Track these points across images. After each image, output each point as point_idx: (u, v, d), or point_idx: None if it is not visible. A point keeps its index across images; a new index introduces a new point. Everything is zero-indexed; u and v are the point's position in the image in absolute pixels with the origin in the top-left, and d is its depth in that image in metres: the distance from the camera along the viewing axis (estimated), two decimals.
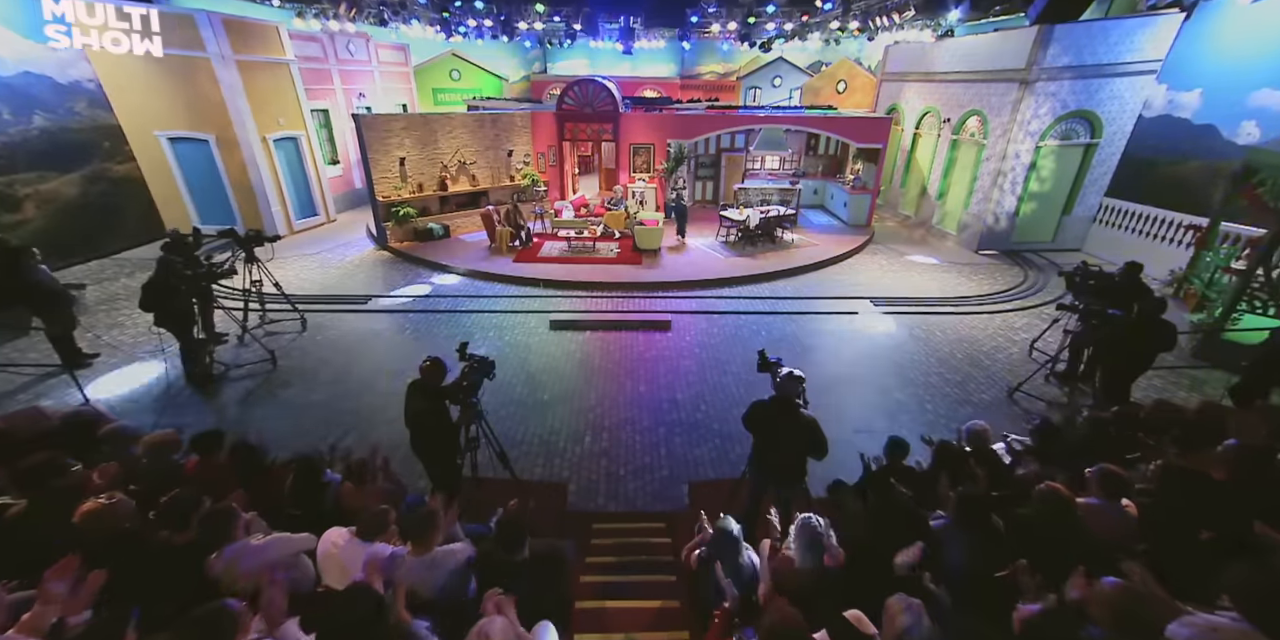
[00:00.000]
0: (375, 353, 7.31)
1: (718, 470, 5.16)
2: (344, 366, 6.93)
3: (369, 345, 7.50)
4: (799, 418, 3.70)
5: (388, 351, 7.35)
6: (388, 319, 8.40)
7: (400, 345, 7.55)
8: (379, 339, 7.70)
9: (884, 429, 5.72)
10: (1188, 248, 9.91)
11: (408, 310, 8.67)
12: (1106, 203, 11.46)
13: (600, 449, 5.46)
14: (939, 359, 7.29)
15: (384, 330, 7.98)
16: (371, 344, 7.54)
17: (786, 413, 3.73)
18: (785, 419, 3.73)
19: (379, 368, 6.89)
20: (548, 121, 13.59)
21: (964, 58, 11.89)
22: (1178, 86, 10.18)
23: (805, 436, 3.67)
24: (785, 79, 20.23)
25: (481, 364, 4.07)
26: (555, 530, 4.30)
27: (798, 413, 3.72)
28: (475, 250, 11.39)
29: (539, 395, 6.37)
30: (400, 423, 4.13)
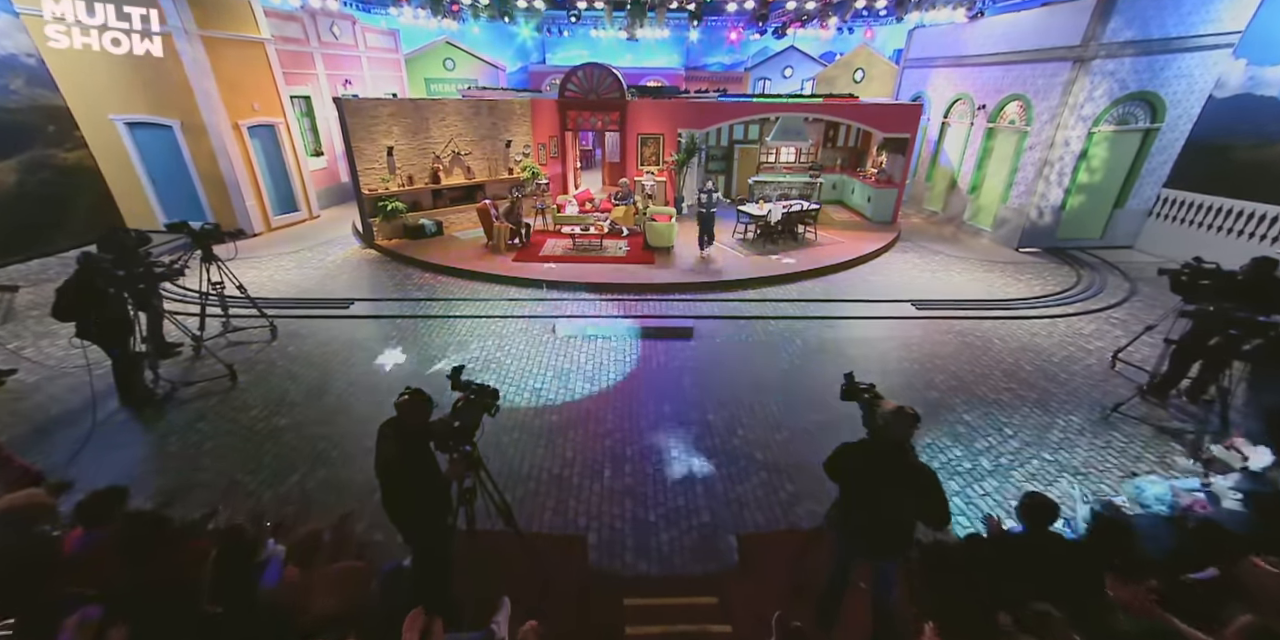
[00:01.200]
0: (355, 367, 6.27)
1: (767, 514, 4.15)
2: (318, 383, 5.89)
3: (349, 357, 6.46)
4: (911, 470, 2.69)
5: (370, 365, 6.31)
6: (372, 326, 7.36)
7: (386, 357, 6.51)
8: (361, 350, 6.65)
9: (961, 462, 4.74)
10: (1273, 242, 8.96)
11: (395, 316, 7.63)
12: (1165, 194, 10.50)
13: (623, 486, 4.44)
14: (1005, 371, 6.30)
15: (367, 339, 6.94)
16: (352, 356, 6.50)
17: (892, 462, 2.71)
18: (889, 470, 2.71)
19: (359, 385, 5.86)
20: (549, 110, 12.57)
21: (1003, 38, 10.93)
22: (1261, 61, 9.19)
23: (918, 496, 2.66)
24: (797, 69, 19.28)
25: (480, 395, 3.06)
26: (577, 612, 3.30)
27: (909, 462, 2.71)
28: (470, 248, 10.36)
29: (547, 417, 5.35)
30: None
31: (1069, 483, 4.41)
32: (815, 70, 18.78)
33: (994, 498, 4.31)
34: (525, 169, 12.46)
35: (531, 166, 12.47)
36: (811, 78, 18.48)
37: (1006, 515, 3.90)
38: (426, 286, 8.73)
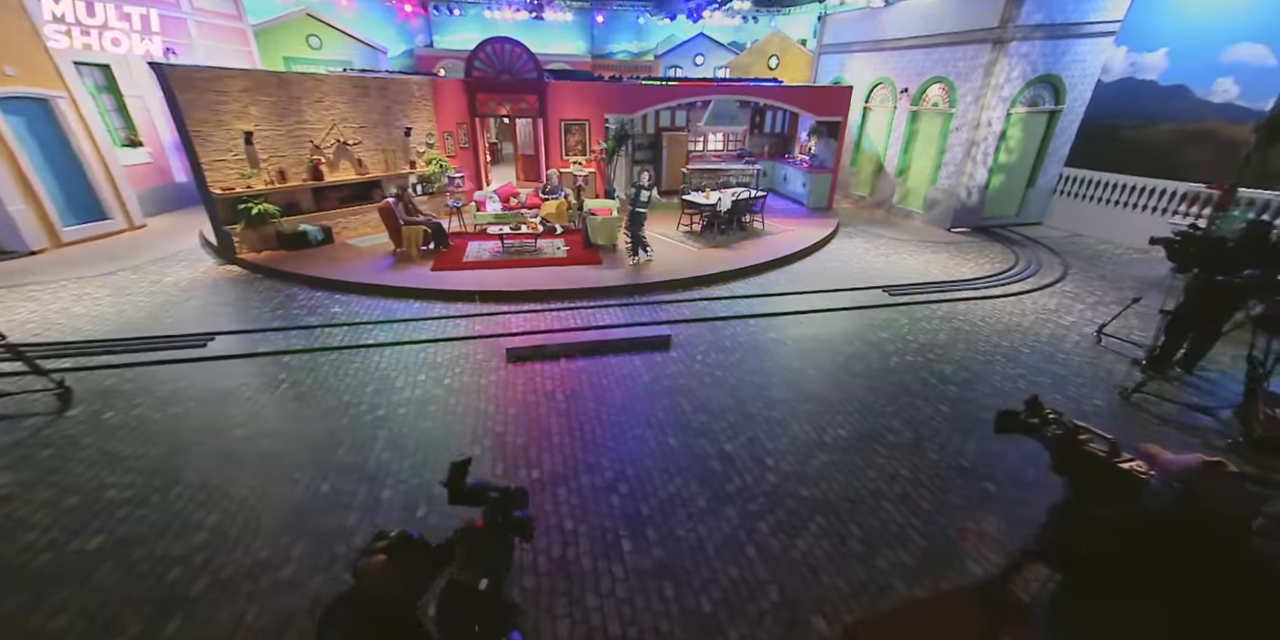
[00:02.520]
0: (223, 434, 4.45)
1: (848, 577, 3.20)
2: (156, 468, 4.03)
3: (211, 421, 4.61)
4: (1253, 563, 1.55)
5: (251, 430, 4.54)
6: (248, 369, 5.48)
7: (273, 418, 4.76)
8: (231, 406, 4.82)
9: (1022, 468, 4.13)
10: (1164, 213, 9.73)
11: (281, 351, 5.78)
12: (1066, 172, 11.19)
13: (654, 562, 3.30)
14: (1005, 356, 5.97)
15: (240, 389, 5.09)
16: (217, 417, 4.65)
17: (1208, 545, 1.56)
18: (1206, 558, 1.56)
19: (234, 465, 4.12)
20: (454, 92, 10.87)
21: (920, 22, 11.04)
22: (1139, 48, 9.94)
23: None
24: (708, 56, 18.89)
25: (506, 505, 1.81)
26: None
27: (1242, 548, 1.54)
28: (375, 258, 8.52)
29: (524, 475, 4.05)
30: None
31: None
32: (727, 57, 18.51)
33: None
34: (430, 161, 10.69)
35: (438, 159, 10.73)
36: (725, 65, 18.16)
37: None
38: (320, 309, 6.87)
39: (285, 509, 3.64)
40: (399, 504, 3.72)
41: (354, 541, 3.37)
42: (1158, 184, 9.81)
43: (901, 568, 3.25)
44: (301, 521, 3.55)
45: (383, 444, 4.33)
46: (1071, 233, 11.06)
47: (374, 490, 3.84)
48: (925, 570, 3.24)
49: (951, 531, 3.54)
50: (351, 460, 4.14)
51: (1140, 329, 6.31)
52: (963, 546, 3.43)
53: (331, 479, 3.93)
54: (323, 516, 3.60)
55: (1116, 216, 10.44)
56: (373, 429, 4.52)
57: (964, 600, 2.84)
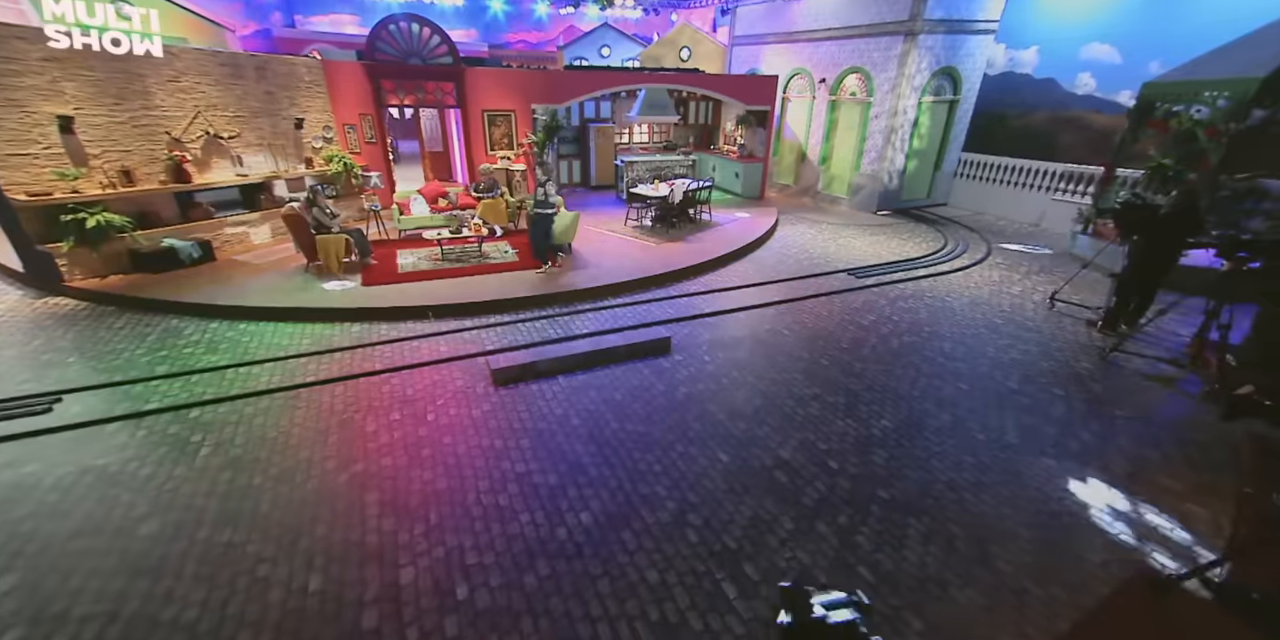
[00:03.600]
0: (125, 537, 3.21)
1: (978, 585, 2.93)
2: (32, 623, 2.80)
3: (95, 517, 3.31)
4: None
5: (163, 526, 3.33)
6: (130, 434, 4.09)
7: (199, 496, 3.55)
8: (124, 489, 3.52)
9: (1058, 439, 4.22)
10: (1047, 191, 10.95)
11: (183, 405, 4.42)
12: (964, 156, 12.26)
13: (770, 607, 2.81)
14: (986, 328, 6.22)
15: (127, 465, 3.74)
16: (102, 511, 3.36)
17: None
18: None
19: (161, 580, 2.97)
20: (353, 78, 9.40)
21: (833, 14, 11.44)
22: (1015, 45, 11.08)
23: None
24: (615, 48, 18.33)
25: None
26: None
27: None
28: (282, 275, 7.05)
29: (572, 518, 3.34)
30: None
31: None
32: (634, 49, 18.12)
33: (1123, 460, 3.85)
34: (332, 159, 9.18)
35: (341, 156, 9.24)
36: (634, 57, 17.77)
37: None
38: (224, 344, 5.45)
39: (269, 629, 2.64)
40: (428, 586, 2.88)
41: None
42: (1041, 165, 11.04)
43: (1025, 567, 3.05)
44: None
45: (377, 508, 3.38)
46: (974, 211, 12.16)
47: (387, 574, 2.94)
48: (1048, 564, 3.08)
49: (1045, 515, 3.45)
50: (341, 537, 3.17)
51: (1074, 292, 6.90)
52: (1072, 532, 3.34)
53: (320, 568, 2.96)
54: (325, 626, 2.66)
55: (1009, 195, 11.63)
56: (357, 490, 3.53)
57: (1136, 594, 2.69)
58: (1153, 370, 5.27)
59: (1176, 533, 3.31)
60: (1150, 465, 3.92)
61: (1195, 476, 3.78)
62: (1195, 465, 3.92)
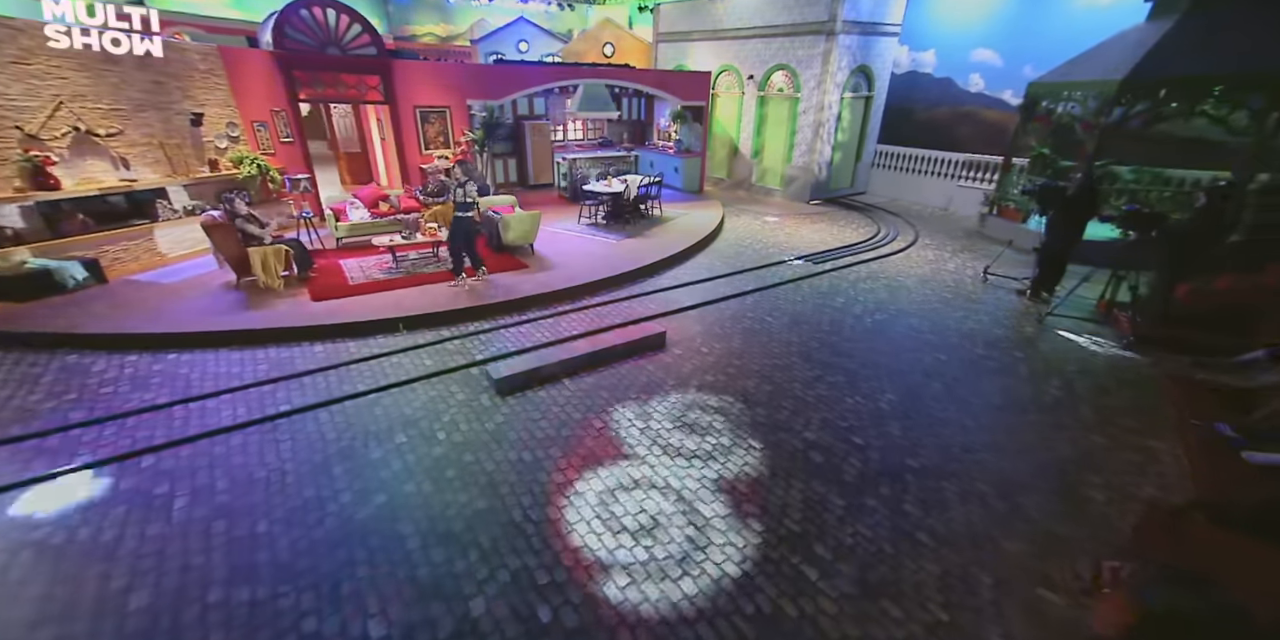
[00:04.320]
0: (113, 616, 2.71)
1: (1020, 536, 3.23)
2: None
3: (74, 600, 2.77)
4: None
5: (157, 598, 2.81)
6: (49, 503, 3.41)
7: (193, 554, 3.03)
8: (94, 562, 2.94)
9: (1034, 396, 4.73)
10: (952, 178, 12.16)
11: (115, 457, 3.72)
12: (879, 148, 13.29)
13: (852, 584, 2.88)
14: (940, 302, 6.81)
15: (80, 531, 3.14)
16: (69, 591, 2.81)
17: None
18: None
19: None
20: (259, 68, 8.40)
21: (756, 13, 11.89)
22: (917, 47, 12.15)
23: None
24: (533, 43, 17.86)
25: None
26: None
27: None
28: (204, 295, 6.18)
29: (629, 523, 3.23)
30: None
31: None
32: (554, 45, 17.77)
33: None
34: (243, 161, 8.16)
35: (254, 158, 8.23)
36: (554, 53, 17.41)
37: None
38: (157, 379, 4.67)
39: None
40: (506, 614, 2.66)
41: None
42: (946, 155, 12.24)
43: (1051, 513, 3.38)
44: None
45: (418, 540, 3.07)
46: (890, 198, 13.23)
47: (456, 608, 2.68)
48: (1067, 508, 3.45)
49: (1047, 465, 3.85)
50: (388, 575, 2.84)
51: (1000, 266, 7.74)
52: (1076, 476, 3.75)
53: (377, 613, 2.64)
54: None
55: (919, 182, 12.78)
56: (387, 523, 3.18)
57: (1157, 524, 3.07)
58: (1079, 329, 6.05)
59: (1149, 466, 3.84)
60: (1110, 411, 4.50)
61: (1148, 416, 4.40)
62: (1143, 407, 4.55)
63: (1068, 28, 10.05)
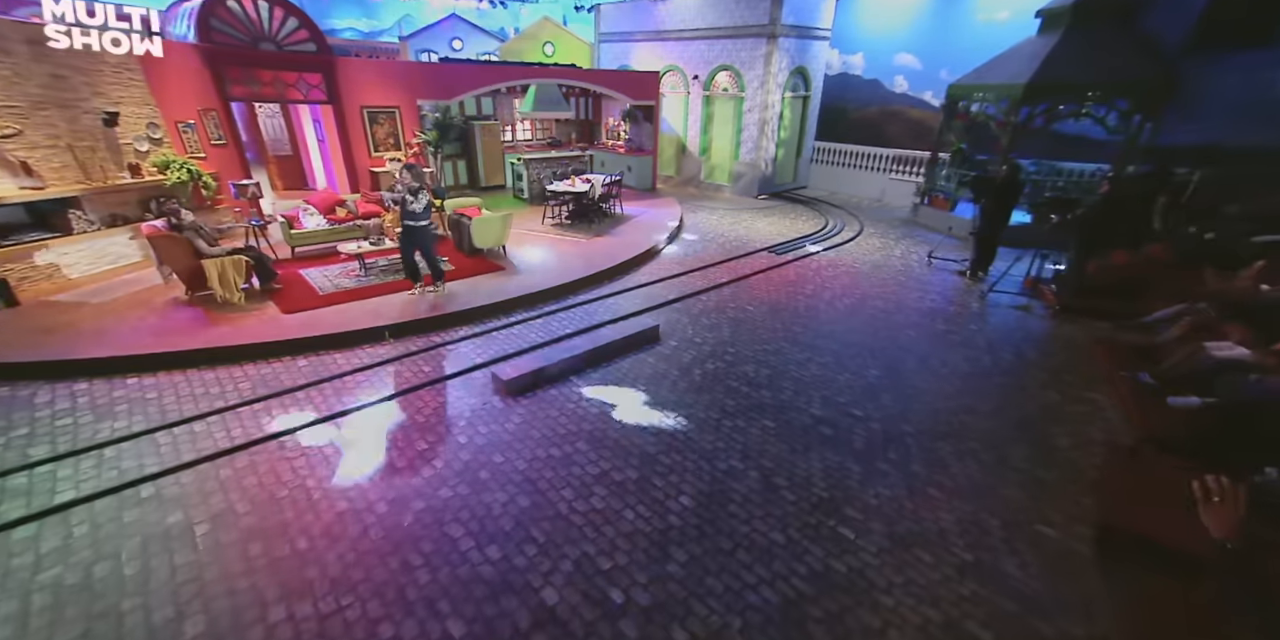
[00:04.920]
0: None
1: (1015, 484, 3.69)
2: None
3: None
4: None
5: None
6: (51, 542, 3.09)
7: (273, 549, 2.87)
8: (91, 628, 2.73)
9: (994, 362, 5.34)
10: (883, 172, 13.15)
11: (107, 490, 3.42)
12: (817, 145, 14.11)
13: (885, 537, 3.19)
14: (898, 284, 7.42)
15: (74, 598, 2.88)
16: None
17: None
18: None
19: None
20: (185, 64, 7.71)
21: (699, 15, 12.26)
22: (846, 51, 13.02)
23: None
24: (467, 40, 17.37)
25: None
26: None
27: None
28: (155, 311, 5.66)
29: (673, 505, 3.37)
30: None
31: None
32: (490, 43, 17.37)
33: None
34: (169, 166, 7.50)
35: (183, 162, 7.58)
36: (489, 51, 17.03)
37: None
38: (109, 408, 4.29)
39: None
40: (579, 600, 2.73)
41: None
42: (877, 150, 13.21)
43: (1033, 460, 3.87)
44: None
45: (472, 540, 3.06)
46: (830, 191, 14.09)
47: (529, 600, 2.72)
48: (1044, 455, 3.95)
49: (1019, 420, 4.37)
50: (450, 576, 2.83)
51: (940, 251, 8.54)
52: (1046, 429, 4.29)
53: (452, 613, 2.63)
54: None
55: (854, 176, 13.71)
56: (435, 527, 3.14)
57: (1119, 462, 3.59)
58: (1015, 302, 6.83)
59: (1096, 415, 4.46)
60: (1056, 371, 5.16)
61: (1086, 373, 5.08)
62: (1080, 365, 5.25)
63: (974, 37, 11.16)
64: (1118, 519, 3.18)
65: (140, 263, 7.22)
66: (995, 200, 7.29)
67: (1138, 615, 2.70)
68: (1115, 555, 3.04)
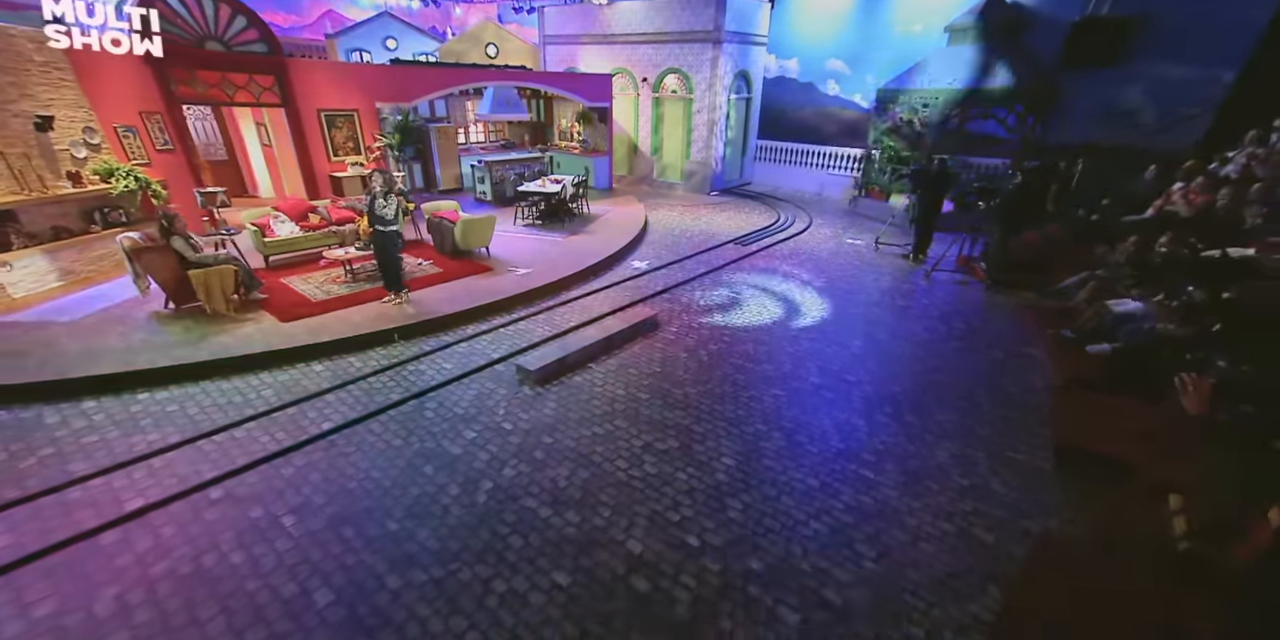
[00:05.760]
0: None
1: (990, 423, 4.45)
2: None
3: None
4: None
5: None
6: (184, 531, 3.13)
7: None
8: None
9: (949, 330, 6.23)
10: (821, 168, 14.26)
11: (178, 495, 3.43)
12: (759, 143, 15.03)
13: (904, 477, 3.82)
14: (856, 268, 8.26)
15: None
16: None
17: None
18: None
19: None
20: (121, 64, 7.21)
21: (647, 20, 12.74)
22: (782, 55, 13.98)
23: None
24: (402, 40, 16.84)
25: None
26: None
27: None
28: (140, 327, 5.43)
29: (718, 465, 3.83)
30: None
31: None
32: (425, 43, 16.97)
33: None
34: (114, 174, 7.05)
35: (128, 169, 7.15)
36: (427, 52, 16.64)
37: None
38: (132, 421, 4.17)
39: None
40: (661, 547, 3.13)
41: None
42: (814, 148, 14.31)
43: (999, 402, 4.67)
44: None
45: (548, 508, 3.37)
46: (773, 187, 15.02)
47: (618, 551, 3.08)
48: (1004, 397, 4.75)
49: (980, 373, 5.19)
50: (538, 537, 3.12)
51: (880, 236, 9.54)
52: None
53: (551, 564, 2.95)
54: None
55: (795, 172, 14.75)
56: (509, 502, 3.41)
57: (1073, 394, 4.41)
58: (954, 279, 7.85)
59: (1033, 366, 5.37)
60: (996, 334, 6.09)
61: (1020, 333, 6.05)
62: (1014, 327, 6.21)
63: (893, 47, 12.40)
64: (1067, 442, 3.99)
65: (91, 278, 6.76)
66: (930, 190, 8.32)
67: (1089, 507, 3.48)
68: (1068, 468, 3.83)
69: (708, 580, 2.93)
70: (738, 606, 2.78)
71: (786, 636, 2.64)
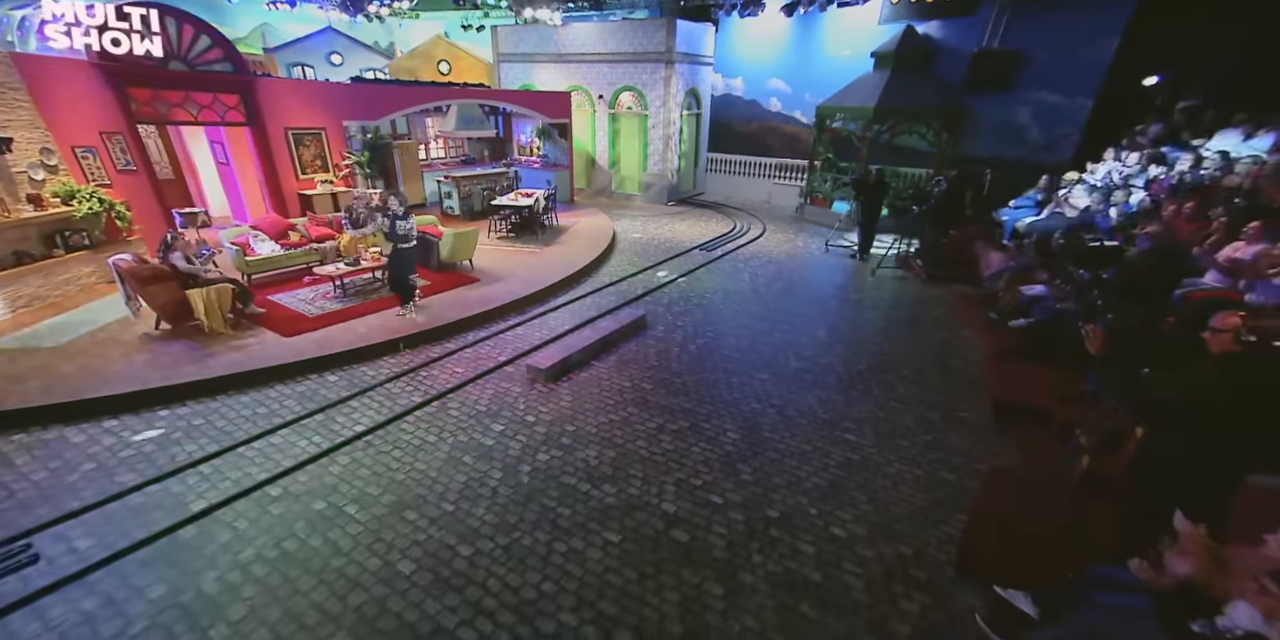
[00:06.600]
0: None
1: (943, 389, 5.28)
2: None
3: None
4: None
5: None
6: (253, 526, 3.32)
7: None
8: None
9: (899, 317, 7.13)
10: (768, 178, 15.36)
11: (236, 494, 3.61)
12: (710, 155, 15.99)
13: (890, 426, 4.53)
14: (811, 269, 9.14)
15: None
16: None
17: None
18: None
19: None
20: (78, 83, 7.09)
21: (600, 41, 13.40)
22: (728, 75, 15.01)
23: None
24: (348, 56, 16.65)
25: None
26: None
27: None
28: (142, 351, 5.42)
29: (725, 439, 4.39)
30: None
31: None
32: (375, 59, 16.87)
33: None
34: (79, 195, 6.90)
35: (90, 191, 7.01)
36: (374, 68, 16.57)
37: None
38: (188, 432, 4.27)
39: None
40: (690, 506, 3.64)
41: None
42: (761, 160, 15.39)
43: (944, 376, 5.50)
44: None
45: (586, 484, 3.80)
46: (725, 196, 15.99)
47: (655, 512, 3.57)
48: (949, 371, 5.60)
49: (935, 348, 6.04)
50: (583, 507, 3.56)
51: (829, 239, 10.55)
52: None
53: (599, 527, 3.39)
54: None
55: (744, 182, 15.78)
56: (550, 480, 3.82)
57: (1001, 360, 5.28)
58: (895, 275, 8.87)
59: (970, 343, 6.30)
60: (937, 320, 7.03)
61: (956, 319, 7.02)
62: (951, 314, 7.19)
63: (826, 69, 13.62)
64: (1001, 400, 4.83)
65: (60, 303, 6.54)
66: (869, 197, 9.37)
67: (1023, 446, 4.31)
68: (1004, 419, 4.67)
69: (736, 528, 3.47)
70: (765, 544, 3.33)
71: (806, 563, 3.21)
